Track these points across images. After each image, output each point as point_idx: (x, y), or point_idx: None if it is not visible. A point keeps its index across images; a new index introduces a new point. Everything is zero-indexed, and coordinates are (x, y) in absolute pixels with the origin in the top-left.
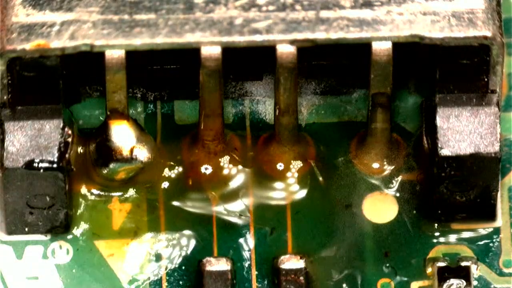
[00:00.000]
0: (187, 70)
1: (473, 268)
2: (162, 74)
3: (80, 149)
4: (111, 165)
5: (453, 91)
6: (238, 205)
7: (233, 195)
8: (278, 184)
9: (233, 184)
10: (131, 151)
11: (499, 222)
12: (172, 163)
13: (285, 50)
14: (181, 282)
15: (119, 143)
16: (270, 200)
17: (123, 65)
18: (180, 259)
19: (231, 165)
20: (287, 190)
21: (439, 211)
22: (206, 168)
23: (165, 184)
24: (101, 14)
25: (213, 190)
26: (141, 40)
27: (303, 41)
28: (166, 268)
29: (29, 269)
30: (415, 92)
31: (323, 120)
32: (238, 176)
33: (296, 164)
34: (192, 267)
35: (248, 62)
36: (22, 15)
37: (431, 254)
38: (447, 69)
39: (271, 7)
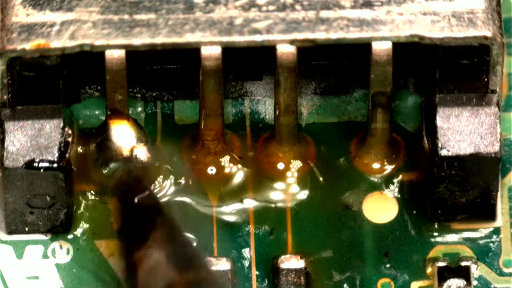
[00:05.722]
0: (187, 70)
1: (473, 268)
2: (162, 74)
3: (80, 149)
4: (111, 165)
5: (453, 91)
6: (238, 205)
7: (233, 195)
8: (278, 184)
9: (233, 184)
10: (131, 151)
11: (499, 222)
12: (172, 163)
13: (285, 50)
14: None
15: (119, 143)
16: (270, 200)
17: (123, 65)
18: None
19: (231, 165)
20: (287, 190)
21: (439, 211)
22: (206, 168)
23: (166, 184)
24: (101, 14)
25: (213, 190)
26: (141, 40)
27: (303, 41)
28: None
29: (29, 269)
30: (415, 92)
31: (323, 120)
32: (238, 176)
33: (296, 164)
34: None
35: (248, 62)
36: (22, 15)
37: (431, 254)
38: (447, 69)
39: (271, 7)
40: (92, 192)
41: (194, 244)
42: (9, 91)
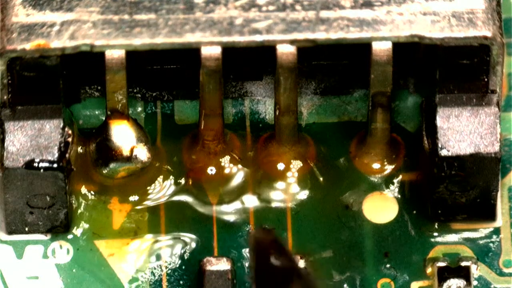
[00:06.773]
0: (187, 70)
1: (473, 268)
2: (162, 74)
3: (80, 149)
4: (111, 165)
5: (453, 91)
6: (238, 205)
7: (233, 195)
8: (278, 184)
9: (233, 184)
10: (131, 151)
11: (499, 222)
12: (172, 163)
13: (285, 50)
14: (181, 282)
15: (119, 143)
16: (270, 200)
17: (123, 65)
18: (180, 259)
19: (231, 165)
20: (287, 190)
21: (439, 211)
22: (206, 168)
23: (166, 184)
24: (101, 14)
25: (213, 190)
26: (141, 40)
27: (303, 41)
28: (166, 268)
29: (29, 269)
30: (415, 92)
31: (323, 120)
32: (238, 176)
33: (296, 164)
34: (192, 267)
35: (248, 62)
36: (22, 15)
37: (431, 254)
38: (447, 69)
39: (271, 7)
40: (92, 192)
41: None
42: (9, 91)
